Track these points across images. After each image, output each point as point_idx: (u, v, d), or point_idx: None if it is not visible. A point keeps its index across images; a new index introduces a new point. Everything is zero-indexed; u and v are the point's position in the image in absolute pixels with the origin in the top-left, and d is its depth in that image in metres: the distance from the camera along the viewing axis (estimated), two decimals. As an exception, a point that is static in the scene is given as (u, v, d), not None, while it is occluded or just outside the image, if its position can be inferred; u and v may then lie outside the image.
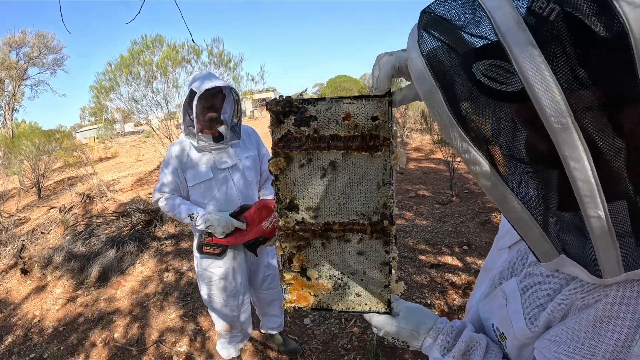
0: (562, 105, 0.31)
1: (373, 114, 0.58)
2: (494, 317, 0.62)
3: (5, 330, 2.85)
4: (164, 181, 1.66)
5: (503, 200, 0.41)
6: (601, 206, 0.35)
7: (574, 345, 0.47)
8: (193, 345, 2.38)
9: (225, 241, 1.57)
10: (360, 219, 0.63)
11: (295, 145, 0.62)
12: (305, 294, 0.69)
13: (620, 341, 0.43)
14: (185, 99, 1.59)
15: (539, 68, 0.31)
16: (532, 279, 0.55)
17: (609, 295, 0.44)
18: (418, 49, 0.38)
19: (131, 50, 6.16)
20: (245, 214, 1.55)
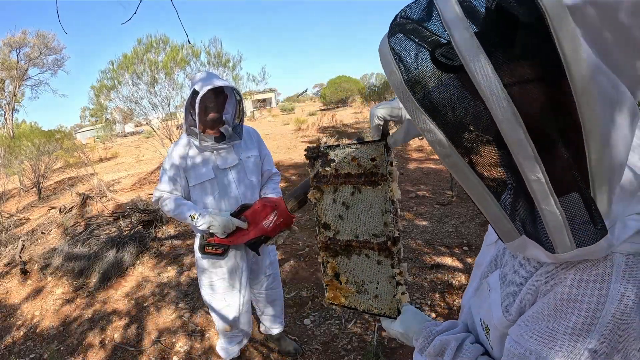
0: (492, 77, 0.36)
1: (372, 156, 0.75)
2: (482, 311, 0.64)
3: (5, 330, 2.85)
4: (165, 180, 1.66)
5: (457, 170, 0.44)
6: (539, 168, 0.38)
7: (536, 328, 0.48)
8: (193, 346, 2.38)
9: (227, 241, 1.56)
10: (371, 238, 0.79)
11: (324, 181, 0.83)
12: (337, 294, 0.86)
13: (578, 324, 0.43)
14: (188, 98, 1.60)
15: (472, 46, 0.36)
16: (509, 268, 0.57)
17: (568, 278, 0.45)
18: (386, 39, 0.43)
19: (136, 50, 6.16)
20: (246, 213, 1.54)
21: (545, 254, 0.44)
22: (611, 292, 0.42)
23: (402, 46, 0.43)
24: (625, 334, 0.42)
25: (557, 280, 0.47)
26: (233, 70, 6.80)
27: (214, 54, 6.54)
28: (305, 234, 3.82)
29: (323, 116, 13.33)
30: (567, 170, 0.39)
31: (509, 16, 0.35)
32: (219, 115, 1.62)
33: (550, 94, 0.37)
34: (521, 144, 0.37)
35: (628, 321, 0.42)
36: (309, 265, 3.17)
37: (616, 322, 0.42)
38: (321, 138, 8.98)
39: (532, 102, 0.37)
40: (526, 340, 0.48)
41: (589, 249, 0.41)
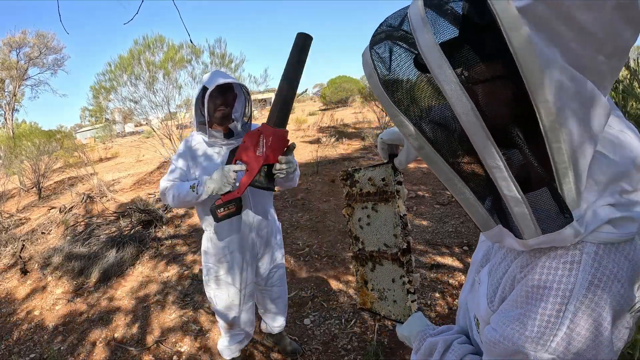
0: (448, 72, 0.39)
1: (382, 177, 0.87)
2: (474, 306, 0.66)
3: (5, 330, 2.85)
4: (172, 170, 1.66)
5: (431, 161, 0.47)
6: (497, 156, 0.40)
7: (510, 315, 0.49)
8: (193, 345, 2.38)
9: (235, 193, 1.48)
10: (387, 249, 0.88)
11: (353, 199, 0.95)
12: (366, 300, 0.96)
13: (547, 310, 0.44)
14: (198, 94, 1.62)
15: (433, 47, 0.39)
16: (495, 261, 0.59)
17: (538, 265, 0.47)
18: (368, 46, 0.48)
19: (132, 51, 6.16)
20: (236, 157, 1.48)
21: (516, 241, 0.46)
22: (579, 281, 0.43)
23: (379, 51, 0.47)
24: (595, 325, 0.43)
25: (529, 269, 0.48)
26: (235, 71, 6.80)
27: (218, 54, 6.53)
28: (305, 233, 3.82)
29: (323, 116, 13.33)
30: (529, 160, 0.41)
31: (468, 20, 0.40)
32: (228, 111, 1.63)
33: (507, 89, 0.40)
34: (478, 133, 0.40)
35: (597, 309, 0.43)
36: (309, 265, 3.17)
37: (585, 309, 0.43)
38: (321, 138, 8.98)
39: (490, 96, 0.40)
40: (501, 326, 0.50)
41: (554, 235, 0.42)
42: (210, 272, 1.77)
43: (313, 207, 4.56)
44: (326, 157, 7.08)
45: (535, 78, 0.36)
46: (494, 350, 0.51)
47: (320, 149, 7.46)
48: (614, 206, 0.44)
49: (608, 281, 0.43)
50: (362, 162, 6.51)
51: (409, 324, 0.81)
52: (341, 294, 2.70)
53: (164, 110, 6.65)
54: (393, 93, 0.46)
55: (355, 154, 7.29)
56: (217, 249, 1.73)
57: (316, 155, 6.74)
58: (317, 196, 4.94)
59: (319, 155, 6.84)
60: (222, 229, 1.70)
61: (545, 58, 0.36)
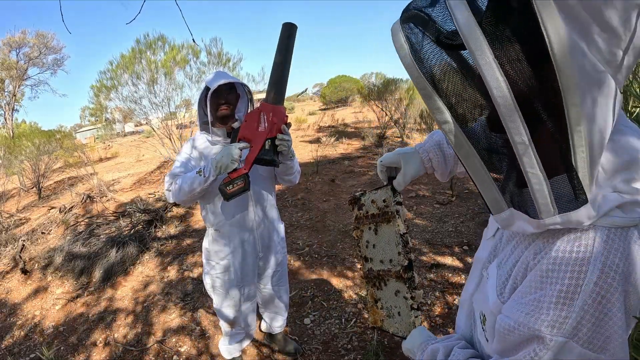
0: (486, 51, 0.40)
1: (383, 198, 0.93)
2: (481, 303, 0.66)
3: (5, 330, 2.85)
4: (177, 166, 1.66)
5: (454, 137, 0.48)
6: (524, 132, 0.42)
7: (524, 301, 0.50)
8: (194, 345, 2.38)
9: (242, 169, 1.48)
10: (391, 268, 0.92)
11: (361, 222, 1.00)
12: (377, 318, 0.99)
13: (562, 292, 0.45)
14: (201, 94, 1.64)
15: (471, 25, 0.41)
16: (504, 254, 0.60)
17: (552, 250, 0.48)
18: (398, 20, 0.49)
19: (133, 50, 6.15)
20: (239, 136, 1.50)
21: (530, 223, 0.48)
22: (593, 262, 0.45)
23: (410, 26, 0.48)
24: (608, 306, 0.44)
25: (543, 254, 0.50)
26: (233, 70, 6.80)
27: (214, 53, 6.53)
28: (305, 233, 3.82)
29: (323, 116, 13.33)
30: (551, 139, 0.42)
31: (503, 2, 0.41)
32: (230, 111, 1.65)
33: (537, 71, 0.41)
34: (509, 108, 0.41)
35: (611, 291, 0.44)
36: (309, 265, 3.17)
37: (599, 291, 0.44)
38: (321, 138, 8.98)
39: (520, 76, 0.41)
40: (514, 312, 0.50)
41: (570, 215, 0.44)
42: (211, 271, 1.77)
43: (313, 206, 4.56)
44: (326, 157, 7.08)
45: (564, 64, 0.38)
46: (508, 338, 0.51)
47: (320, 148, 7.46)
48: (621, 193, 0.46)
49: (620, 263, 0.44)
50: (362, 162, 6.51)
51: (411, 337, 0.83)
52: (341, 294, 2.70)
53: (164, 110, 6.64)
54: (423, 65, 0.48)
55: (355, 154, 7.29)
56: (219, 248, 1.73)
57: (316, 155, 6.74)
58: (317, 196, 4.94)
59: (319, 155, 6.84)
60: (224, 226, 1.70)
61: (572, 41, 0.38)
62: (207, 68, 6.57)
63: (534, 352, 0.48)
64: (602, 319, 0.44)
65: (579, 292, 0.45)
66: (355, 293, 2.68)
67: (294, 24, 1.44)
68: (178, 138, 6.75)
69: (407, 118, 8.10)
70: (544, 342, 0.46)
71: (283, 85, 1.46)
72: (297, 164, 1.75)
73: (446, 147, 0.89)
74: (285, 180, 1.77)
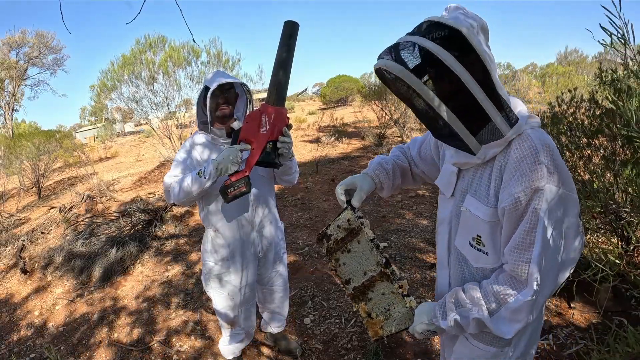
0: (457, 63, 0.76)
1: (347, 218, 1.09)
2: (468, 236, 0.91)
3: (6, 330, 2.86)
4: (176, 166, 1.66)
5: (443, 111, 0.79)
6: (485, 95, 0.77)
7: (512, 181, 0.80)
8: (194, 345, 2.38)
9: (242, 172, 1.47)
10: (373, 273, 1.04)
11: (332, 252, 1.14)
12: (376, 329, 1.06)
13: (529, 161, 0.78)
14: (200, 94, 1.64)
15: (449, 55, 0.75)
16: (474, 184, 0.90)
17: (512, 150, 0.81)
18: (390, 55, 0.82)
19: (133, 50, 6.15)
20: (240, 137, 1.49)
21: (499, 144, 0.81)
22: (535, 141, 0.79)
23: (402, 56, 0.82)
24: (555, 156, 0.77)
25: (508, 155, 0.81)
26: (232, 70, 6.80)
27: (214, 54, 6.53)
28: (305, 233, 3.82)
29: (323, 115, 13.32)
30: (496, 100, 0.78)
31: (451, 37, 0.76)
32: (230, 110, 1.64)
33: (478, 67, 0.76)
34: (475, 87, 0.76)
35: (552, 148, 0.78)
36: (309, 265, 3.18)
37: (548, 152, 0.77)
38: (321, 137, 8.97)
39: (473, 70, 0.75)
40: (511, 190, 0.80)
41: (515, 127, 0.80)
42: (211, 271, 1.77)
43: (313, 206, 4.57)
44: (326, 157, 7.07)
45: (486, 62, 0.76)
46: (518, 208, 0.78)
47: (320, 148, 7.46)
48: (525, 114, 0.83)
49: (546, 138, 0.79)
50: (362, 162, 6.50)
51: (419, 316, 0.94)
52: (341, 294, 2.70)
53: (163, 110, 6.64)
54: (415, 72, 0.79)
55: (355, 153, 7.29)
56: (219, 247, 1.73)
57: (316, 155, 6.74)
58: (317, 195, 4.94)
59: (319, 154, 6.84)
60: (223, 226, 1.70)
61: (486, 52, 0.76)
62: (207, 68, 6.57)
63: (537, 202, 0.76)
64: (557, 167, 0.77)
65: (538, 157, 0.76)
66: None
67: (296, 22, 1.42)
68: (178, 138, 6.74)
69: (407, 118, 8.09)
70: (538, 191, 0.76)
71: (284, 86, 1.44)
72: (296, 165, 1.75)
73: (386, 165, 1.17)
74: (284, 180, 1.76)
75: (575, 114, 2.37)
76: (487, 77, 0.76)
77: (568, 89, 2.71)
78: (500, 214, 0.82)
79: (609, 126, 1.91)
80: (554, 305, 2.27)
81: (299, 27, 1.42)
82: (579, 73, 10.25)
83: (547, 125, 2.48)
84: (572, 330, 2.06)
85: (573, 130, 2.29)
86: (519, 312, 0.80)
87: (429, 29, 0.77)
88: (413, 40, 0.77)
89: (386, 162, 1.19)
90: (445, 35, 0.75)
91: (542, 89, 8.87)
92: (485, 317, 0.83)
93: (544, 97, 8.17)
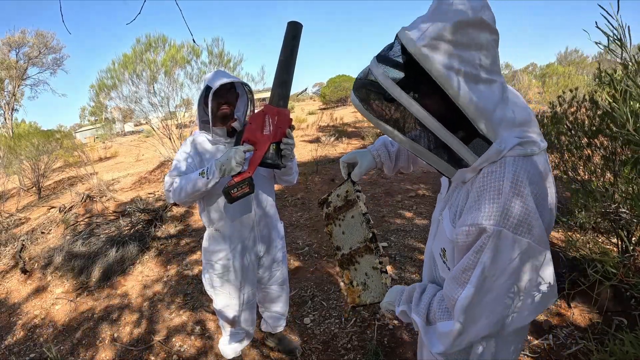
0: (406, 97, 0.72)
1: (345, 190, 1.19)
2: (440, 243, 0.89)
3: (6, 330, 2.86)
4: (176, 166, 1.65)
5: (408, 145, 0.77)
6: (442, 127, 0.71)
7: (470, 211, 0.72)
8: (194, 345, 2.38)
9: (246, 173, 1.47)
10: (360, 245, 1.13)
11: (330, 218, 1.24)
12: (354, 297, 1.14)
13: (491, 194, 0.69)
14: (201, 94, 1.63)
15: (394, 87, 0.72)
16: (453, 198, 0.84)
17: (480, 176, 0.72)
18: (381, 70, 0.75)
19: (135, 49, 6.15)
20: (243, 138, 1.49)
21: (469, 170, 0.74)
22: (506, 174, 0.68)
23: (385, 70, 0.75)
24: (522, 199, 0.66)
25: (475, 181, 0.73)
26: (234, 70, 6.80)
27: (216, 54, 6.53)
28: (304, 233, 3.82)
29: (323, 115, 13.32)
30: (461, 120, 0.70)
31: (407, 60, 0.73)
32: (231, 110, 1.64)
33: (437, 97, 0.70)
34: (431, 122, 0.71)
35: (521, 189, 0.67)
36: (309, 265, 3.18)
37: (514, 190, 0.67)
38: (321, 137, 8.98)
39: (431, 102, 0.71)
40: (465, 220, 0.72)
41: (486, 155, 0.70)
42: (211, 270, 1.77)
43: (313, 206, 4.56)
44: (326, 156, 7.07)
45: (447, 85, 0.67)
46: (466, 241, 0.72)
47: (320, 148, 7.46)
48: (520, 137, 0.71)
49: (525, 173, 0.68)
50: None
51: (388, 295, 1.00)
52: (341, 294, 2.70)
53: (163, 110, 6.64)
54: (380, 112, 0.77)
55: (355, 153, 7.28)
56: (219, 246, 1.73)
57: (316, 155, 6.74)
58: (317, 195, 4.94)
59: (319, 154, 6.84)
60: (224, 226, 1.70)
61: (445, 68, 0.66)
62: (208, 68, 6.57)
63: (482, 242, 0.69)
64: (520, 210, 0.66)
65: (501, 193, 0.67)
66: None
67: (299, 23, 1.41)
68: (178, 137, 6.74)
69: (407, 118, 8.09)
70: (486, 232, 0.67)
71: (287, 88, 1.43)
72: (296, 165, 1.76)
73: (390, 147, 1.19)
74: (284, 180, 1.77)
75: (576, 114, 2.37)
76: (449, 105, 0.68)
77: (569, 89, 2.71)
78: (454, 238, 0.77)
79: (609, 126, 1.91)
80: (554, 305, 2.27)
81: (302, 27, 1.41)
82: (579, 73, 10.26)
83: (547, 125, 2.48)
84: (572, 330, 2.06)
85: (573, 131, 2.29)
86: (444, 337, 0.78)
87: (391, 47, 0.74)
88: (370, 67, 0.75)
89: (392, 143, 1.20)
90: (399, 56, 0.73)
91: (542, 89, 8.87)
92: (421, 324, 0.85)
93: (544, 97, 8.17)
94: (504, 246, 0.67)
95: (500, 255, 0.67)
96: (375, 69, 0.73)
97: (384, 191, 4.76)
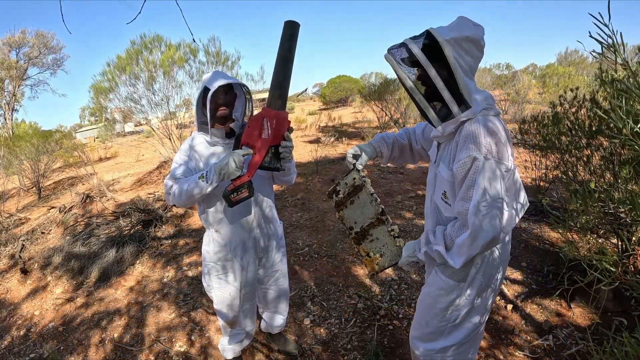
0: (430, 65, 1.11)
1: (353, 177, 1.44)
2: (440, 192, 1.24)
3: (5, 330, 2.85)
4: (175, 168, 1.65)
5: (415, 94, 1.15)
6: (445, 85, 1.10)
7: (461, 151, 1.12)
8: (193, 345, 2.38)
9: (245, 177, 1.48)
10: (371, 220, 1.38)
11: (341, 204, 1.48)
12: (372, 265, 1.39)
13: (475, 138, 1.08)
14: (199, 95, 1.63)
15: (424, 58, 1.12)
16: (446, 152, 1.20)
17: (464, 130, 1.12)
18: (415, 44, 1.13)
19: (129, 51, 6.13)
20: (242, 142, 1.50)
21: (453, 122, 1.13)
22: (480, 123, 1.08)
23: (397, 53, 1.15)
24: (495, 136, 1.06)
25: (460, 133, 1.13)
26: (232, 69, 6.79)
27: (213, 52, 6.52)
28: (304, 233, 3.82)
29: (322, 115, 13.33)
30: (453, 90, 1.10)
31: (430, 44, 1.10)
32: (229, 111, 1.64)
33: (446, 68, 1.09)
34: (438, 81, 1.09)
35: (494, 130, 1.07)
36: (309, 265, 3.17)
37: (489, 130, 1.07)
38: (321, 137, 8.98)
39: (440, 67, 1.09)
40: (459, 158, 1.13)
41: (467, 112, 1.10)
42: (211, 271, 1.77)
43: (313, 206, 4.56)
44: (326, 157, 7.07)
45: (453, 66, 1.07)
46: (464, 169, 1.09)
47: (320, 148, 7.46)
48: (486, 106, 1.12)
49: (491, 124, 1.08)
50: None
51: (406, 250, 1.30)
52: (341, 294, 2.70)
53: (163, 110, 6.64)
54: (403, 65, 1.14)
55: (355, 154, 7.28)
56: (218, 247, 1.73)
57: (316, 155, 6.74)
58: (317, 196, 4.94)
59: (319, 155, 6.84)
60: (223, 227, 1.70)
61: (455, 57, 1.07)
62: (206, 67, 6.57)
63: (476, 166, 1.06)
64: (496, 142, 1.05)
65: (480, 135, 1.06)
66: (355, 293, 2.68)
67: (297, 22, 1.40)
68: (178, 138, 6.74)
69: (406, 118, 8.10)
70: (477, 159, 1.05)
71: (285, 89, 1.43)
72: (294, 165, 1.76)
73: (387, 140, 1.54)
74: (283, 181, 1.77)
75: (577, 114, 2.37)
76: (451, 76, 1.07)
77: (570, 89, 2.71)
78: (454, 175, 1.12)
79: (609, 127, 1.91)
80: (554, 305, 2.27)
81: (299, 27, 1.41)
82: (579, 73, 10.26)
83: (547, 125, 2.48)
84: (572, 331, 2.06)
85: (573, 131, 2.29)
86: (462, 247, 1.10)
87: (423, 35, 1.11)
88: (405, 42, 1.11)
89: (388, 137, 1.55)
90: (429, 42, 1.08)
91: (543, 90, 8.88)
92: (443, 251, 1.15)
93: (544, 97, 8.17)
94: (488, 168, 1.04)
95: (488, 174, 1.04)
96: (410, 44, 1.09)
97: (384, 191, 4.76)
